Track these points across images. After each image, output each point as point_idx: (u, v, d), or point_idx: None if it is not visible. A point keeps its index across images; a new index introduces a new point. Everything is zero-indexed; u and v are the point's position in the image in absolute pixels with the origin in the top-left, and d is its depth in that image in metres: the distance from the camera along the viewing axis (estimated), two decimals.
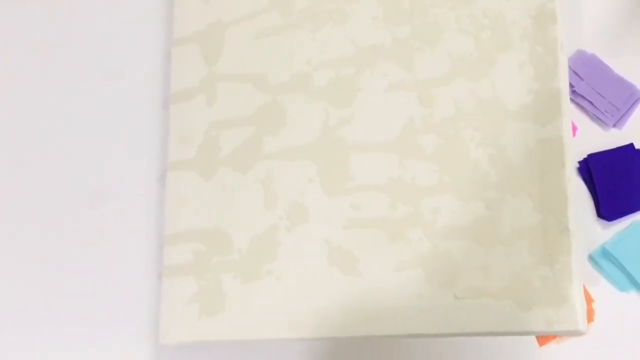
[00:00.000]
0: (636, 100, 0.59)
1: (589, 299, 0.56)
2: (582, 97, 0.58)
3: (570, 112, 0.52)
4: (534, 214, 0.49)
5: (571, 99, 0.59)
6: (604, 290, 0.57)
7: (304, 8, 0.56)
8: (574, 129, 0.59)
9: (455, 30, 0.53)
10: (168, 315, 0.55)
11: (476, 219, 0.49)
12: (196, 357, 0.58)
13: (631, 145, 0.58)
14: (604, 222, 0.57)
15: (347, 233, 0.52)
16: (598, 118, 0.59)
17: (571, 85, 0.59)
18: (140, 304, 0.59)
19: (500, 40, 0.52)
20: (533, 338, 0.55)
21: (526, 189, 0.49)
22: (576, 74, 0.59)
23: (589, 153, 0.58)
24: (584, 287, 0.55)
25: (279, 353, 0.57)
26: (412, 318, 0.49)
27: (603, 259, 0.57)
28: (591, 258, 0.57)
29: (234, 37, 0.58)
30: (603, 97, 0.59)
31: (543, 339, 0.56)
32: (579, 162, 0.58)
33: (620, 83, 0.59)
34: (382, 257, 0.51)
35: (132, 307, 0.59)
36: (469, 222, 0.50)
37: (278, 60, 0.56)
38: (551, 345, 0.56)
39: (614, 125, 0.59)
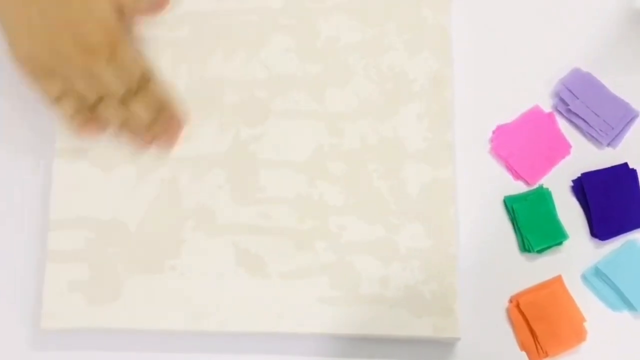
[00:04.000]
0: (631, 119, 0.59)
1: (581, 318, 0.56)
2: (577, 115, 0.58)
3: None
4: (426, 239, 0.56)
5: (565, 117, 0.59)
6: (596, 309, 0.56)
7: (214, 26, 0.60)
8: (568, 147, 0.59)
9: (363, 76, 0.59)
10: (53, 300, 0.56)
11: (377, 239, 0.57)
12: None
13: (625, 164, 0.58)
14: (598, 241, 0.57)
15: (255, 238, 0.56)
16: (592, 137, 0.59)
17: (566, 104, 0.59)
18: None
19: (401, 92, 0.59)
20: (524, 354, 0.56)
21: (420, 219, 0.57)
22: (571, 92, 0.59)
23: (582, 172, 0.58)
24: (576, 305, 0.56)
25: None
26: (315, 319, 0.55)
27: (596, 278, 0.57)
28: (584, 277, 0.57)
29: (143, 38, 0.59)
30: (598, 115, 0.58)
31: (534, 354, 0.56)
32: (573, 181, 0.58)
33: (615, 102, 0.59)
34: (289, 263, 0.56)
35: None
36: (370, 240, 0.56)
37: (186, 69, 0.59)
38: None
39: (609, 144, 0.59)
